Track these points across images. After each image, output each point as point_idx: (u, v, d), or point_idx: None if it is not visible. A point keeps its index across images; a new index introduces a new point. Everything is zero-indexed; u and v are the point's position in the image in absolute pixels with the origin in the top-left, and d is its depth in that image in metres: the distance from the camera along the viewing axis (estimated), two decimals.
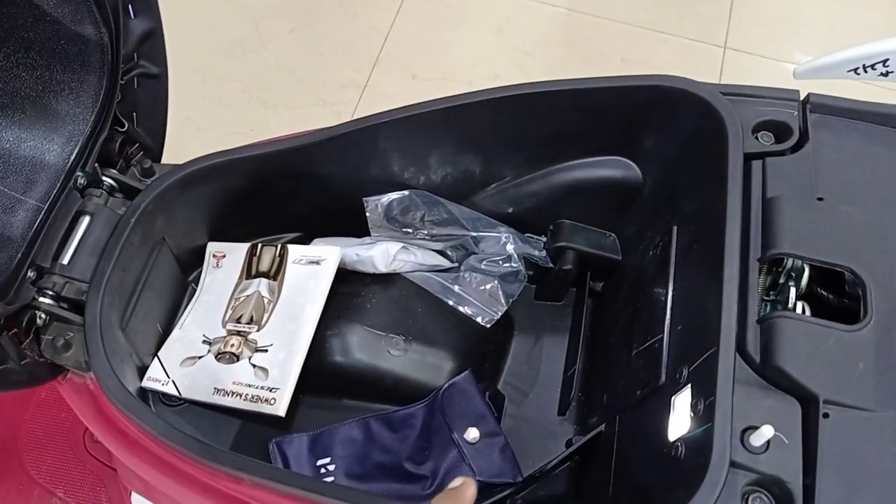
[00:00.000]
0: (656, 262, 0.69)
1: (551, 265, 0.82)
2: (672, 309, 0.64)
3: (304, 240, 0.88)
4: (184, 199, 0.77)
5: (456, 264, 0.87)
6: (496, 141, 0.77)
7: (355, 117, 0.75)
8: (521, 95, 0.72)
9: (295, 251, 0.81)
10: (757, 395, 0.53)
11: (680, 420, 0.55)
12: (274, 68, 1.64)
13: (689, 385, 0.56)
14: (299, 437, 0.76)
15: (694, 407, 0.54)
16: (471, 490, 0.50)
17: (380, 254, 0.80)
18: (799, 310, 0.57)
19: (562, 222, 0.82)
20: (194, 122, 1.56)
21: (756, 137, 0.64)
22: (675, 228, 0.67)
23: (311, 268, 0.79)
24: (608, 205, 0.79)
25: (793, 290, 0.58)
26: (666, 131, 0.70)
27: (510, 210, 0.83)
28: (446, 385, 0.77)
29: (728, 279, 0.55)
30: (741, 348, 0.54)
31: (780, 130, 0.65)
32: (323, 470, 0.75)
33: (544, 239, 0.84)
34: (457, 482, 0.51)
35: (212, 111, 1.59)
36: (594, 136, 0.74)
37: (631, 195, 0.77)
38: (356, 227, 0.83)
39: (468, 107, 0.73)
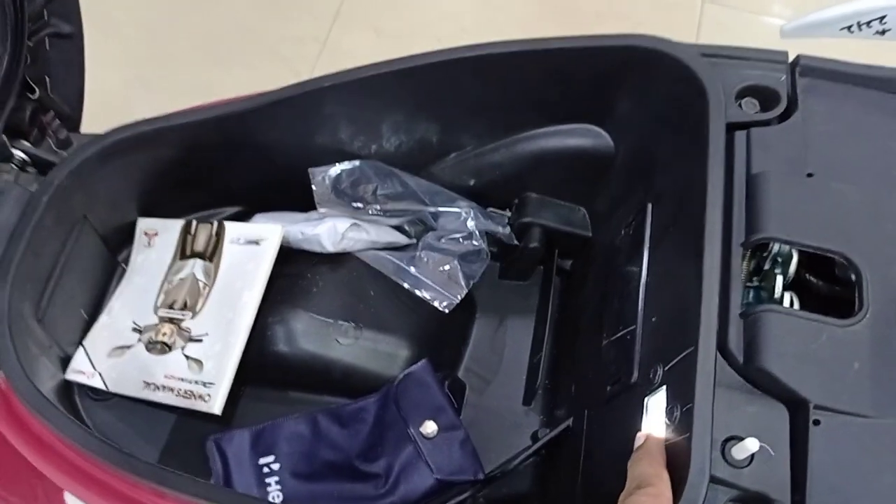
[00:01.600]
0: (629, 241, 0.63)
1: (516, 242, 0.75)
2: (645, 297, 0.57)
3: (245, 215, 0.81)
4: (106, 173, 0.69)
5: (413, 241, 0.80)
6: (455, 106, 0.70)
7: (315, 76, 0.67)
8: (481, 57, 0.64)
9: (233, 230, 0.74)
10: (740, 400, 0.47)
11: (654, 425, 0.49)
12: (229, 22, 1.54)
13: (665, 387, 0.50)
14: (240, 433, 0.70)
15: (670, 413, 0.48)
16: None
17: (327, 232, 0.73)
18: (786, 302, 0.51)
19: (527, 196, 0.75)
20: (144, 81, 1.46)
21: (739, 105, 0.58)
22: (649, 206, 0.60)
23: (251, 248, 0.72)
24: (578, 177, 0.72)
25: (779, 279, 0.52)
26: (640, 97, 0.63)
27: (471, 182, 0.76)
28: (401, 375, 0.71)
29: (709, 270, 0.49)
30: (722, 346, 0.48)
31: (766, 97, 0.58)
32: (266, 469, 0.68)
33: (508, 214, 0.77)
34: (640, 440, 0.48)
35: (163, 70, 1.49)
36: (562, 101, 0.67)
37: (602, 166, 0.70)
38: (302, 202, 0.75)
39: (423, 69, 0.65)
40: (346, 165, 0.73)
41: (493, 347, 0.77)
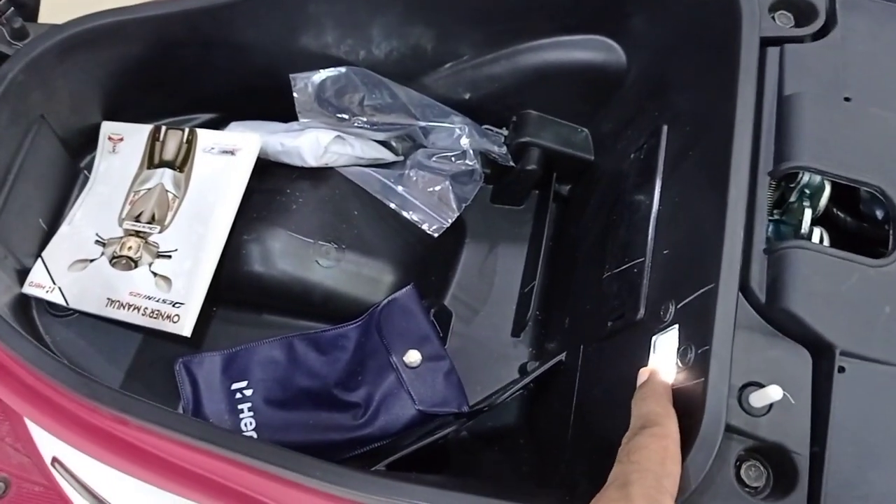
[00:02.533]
0: (638, 167, 0.58)
1: (512, 164, 0.70)
2: (656, 228, 0.53)
3: (220, 122, 0.74)
4: (66, 69, 0.62)
5: (401, 158, 0.75)
6: (454, 10, 0.63)
7: None
8: None
9: (206, 137, 0.67)
10: (760, 342, 0.43)
11: (662, 366, 0.45)
12: None
13: (677, 326, 0.46)
14: (211, 356, 0.65)
15: (682, 354, 0.44)
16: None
17: (309, 144, 0.67)
18: (815, 238, 0.47)
19: (527, 113, 0.70)
20: None
21: (773, 18, 0.52)
22: (664, 128, 0.55)
23: (225, 158, 0.66)
24: (583, 94, 0.67)
25: (808, 213, 0.48)
26: (661, 5, 0.57)
27: (467, 96, 0.70)
28: (385, 301, 0.66)
29: (734, 200, 0.44)
30: (744, 284, 0.44)
31: (801, 11, 0.53)
32: (238, 395, 0.64)
33: (505, 132, 0.71)
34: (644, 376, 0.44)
35: None
36: (572, 9, 0.61)
37: (611, 84, 0.64)
38: (282, 110, 0.69)
39: None
40: (331, 72, 0.67)
41: (482, 275, 0.73)
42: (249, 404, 0.64)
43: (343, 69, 0.67)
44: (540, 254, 0.70)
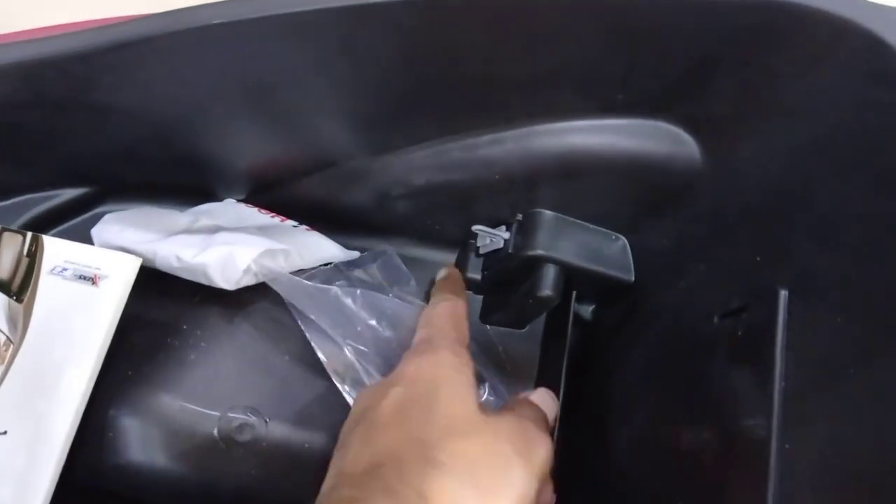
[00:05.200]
0: (729, 346, 0.36)
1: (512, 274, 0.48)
2: (780, 463, 0.31)
3: (95, 199, 0.52)
4: None
5: (355, 254, 0.53)
6: (444, 75, 0.41)
7: None
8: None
9: (56, 251, 0.44)
10: None
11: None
12: None
13: None
14: None
15: None
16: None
17: (220, 263, 0.44)
18: None
19: (538, 213, 0.48)
20: None
21: None
22: (782, 295, 0.33)
23: (83, 289, 0.43)
24: (624, 194, 0.45)
25: None
26: (775, 84, 0.35)
27: (455, 177, 0.48)
28: None
29: None
30: None
31: None
32: None
33: (505, 234, 0.49)
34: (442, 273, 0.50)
35: None
36: (620, 82, 0.39)
37: (673, 188, 0.43)
38: (190, 180, 0.46)
39: (393, 7, 0.36)
40: None
41: None
42: None
43: None
44: (558, 395, 0.49)
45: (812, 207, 0.33)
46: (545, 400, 0.43)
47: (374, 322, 0.44)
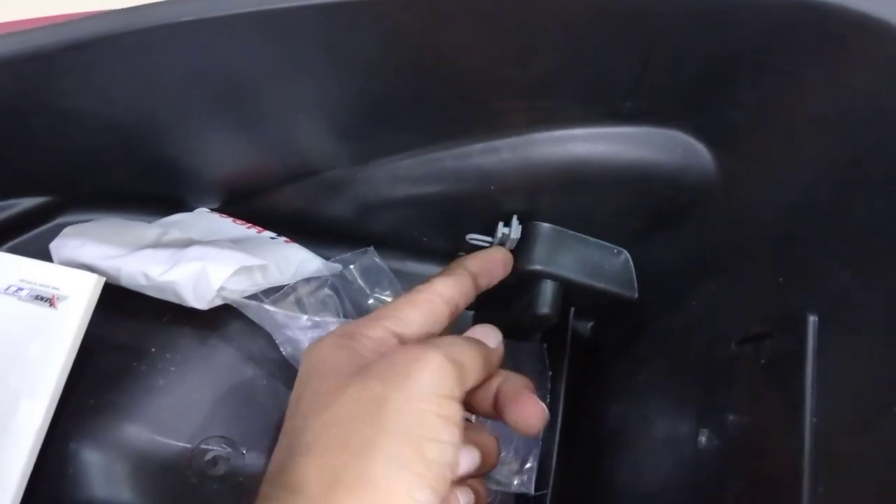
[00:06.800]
0: (750, 377, 0.34)
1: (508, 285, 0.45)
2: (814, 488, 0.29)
3: (55, 209, 0.48)
4: None
5: (338, 267, 0.49)
6: (434, 78, 0.38)
7: None
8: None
9: (10, 268, 0.40)
10: None
11: None
12: None
13: None
14: None
15: None
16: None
17: (192, 280, 0.41)
18: None
19: (535, 226, 0.45)
20: None
21: None
22: (812, 321, 0.31)
23: (40, 311, 0.39)
24: (630, 207, 0.42)
25: None
26: (802, 95, 0.32)
27: (445, 188, 0.45)
28: None
29: None
30: None
31: None
32: None
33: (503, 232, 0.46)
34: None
35: None
36: (630, 90, 0.36)
37: (684, 200, 0.40)
38: (159, 189, 0.43)
39: (356, 5, 0.33)
40: None
41: None
42: None
43: None
44: (556, 421, 0.46)
45: (847, 229, 0.30)
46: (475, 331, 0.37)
47: None
